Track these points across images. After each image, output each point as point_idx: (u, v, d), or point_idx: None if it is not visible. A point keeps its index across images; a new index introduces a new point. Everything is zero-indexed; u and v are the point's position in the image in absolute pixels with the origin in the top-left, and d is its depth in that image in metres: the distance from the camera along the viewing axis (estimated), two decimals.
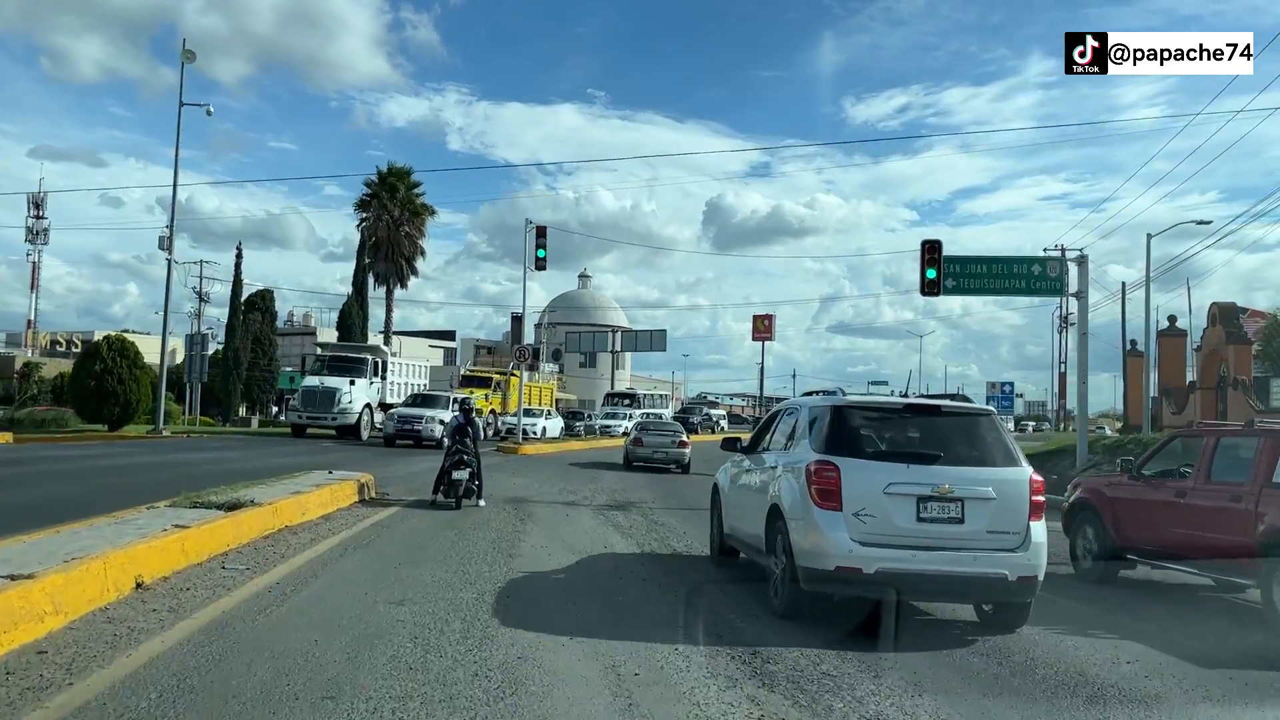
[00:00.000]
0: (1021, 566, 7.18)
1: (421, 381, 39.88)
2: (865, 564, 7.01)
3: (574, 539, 11.78)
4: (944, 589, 7.40)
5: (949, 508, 7.20)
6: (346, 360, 35.09)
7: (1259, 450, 8.98)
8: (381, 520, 12.39)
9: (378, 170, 54.02)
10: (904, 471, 7.30)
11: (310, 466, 17.54)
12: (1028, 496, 7.36)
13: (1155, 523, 10.02)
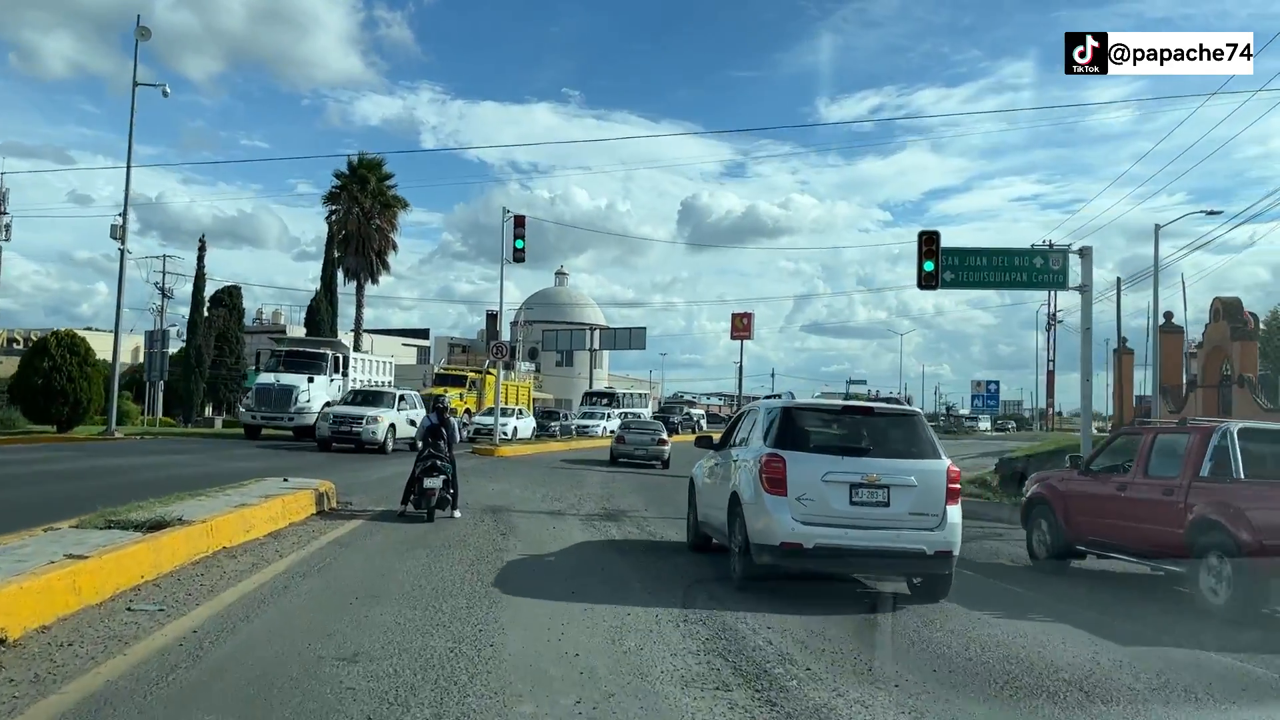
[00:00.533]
0: (939, 542, 8.46)
1: (387, 379, 37.80)
2: (806, 540, 8.29)
3: (563, 556, 10.17)
4: (872, 562, 8.75)
5: (877, 493, 8.48)
6: (304, 356, 32.80)
7: (1189, 447, 9.75)
8: (341, 537, 10.68)
9: (348, 161, 52.10)
10: (839, 462, 8.64)
11: (265, 472, 15.78)
12: (944, 484, 8.62)
13: (1100, 515, 10.80)
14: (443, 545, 10.49)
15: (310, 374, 30.85)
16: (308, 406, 29.98)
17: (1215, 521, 8.93)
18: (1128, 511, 10.36)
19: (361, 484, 17.16)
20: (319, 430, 27.13)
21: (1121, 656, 6.90)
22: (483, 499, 16.00)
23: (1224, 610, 8.65)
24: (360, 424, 25.87)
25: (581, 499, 17.29)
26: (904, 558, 8.55)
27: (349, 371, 33.78)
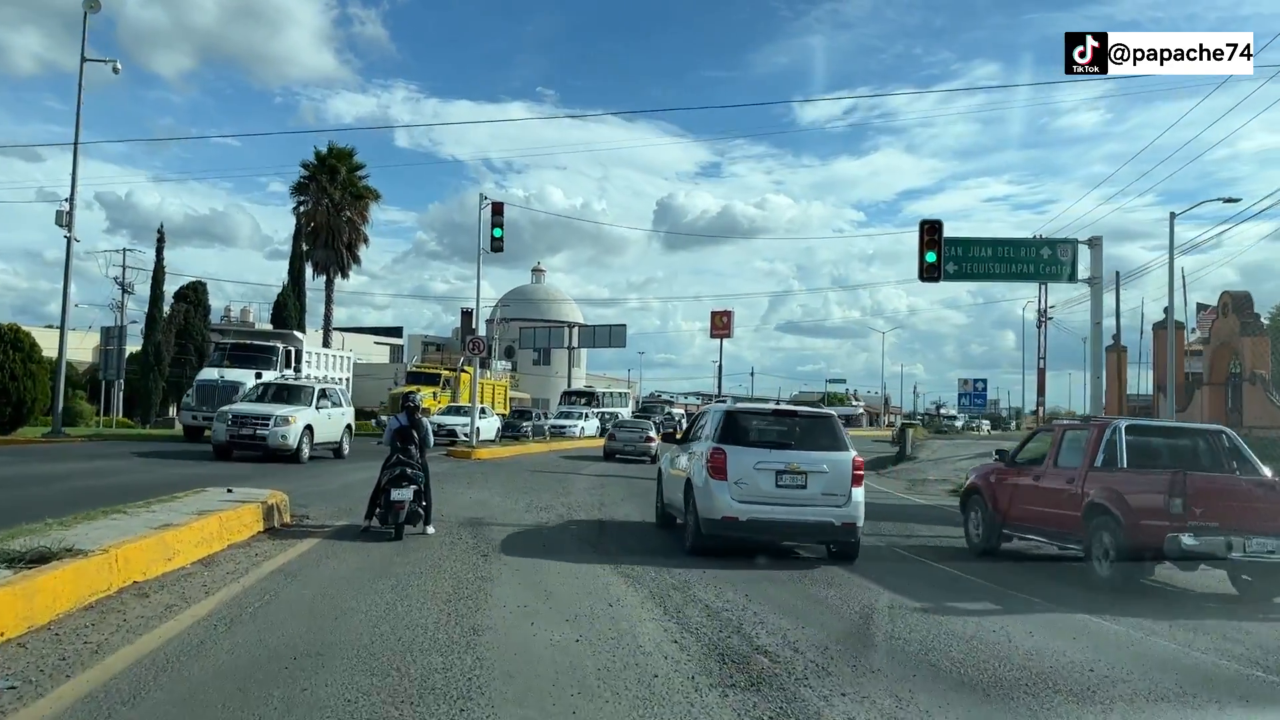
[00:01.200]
0: (845, 516, 10.66)
1: (344, 375, 35.75)
2: (741, 514, 10.52)
3: (562, 589, 8.35)
4: (792, 531, 11.02)
5: (797, 478, 10.68)
6: (252, 350, 30.14)
7: (1088, 441, 11.19)
8: (289, 564, 8.81)
9: (316, 151, 49.97)
10: (768, 454, 10.87)
11: (212, 480, 13.87)
12: (850, 471, 10.84)
13: (1021, 503, 12.10)
14: (412, 573, 8.66)
15: (258, 369, 28.23)
16: None
17: (1102, 505, 10.26)
18: (1041, 498, 11.70)
19: (321, 493, 15.27)
20: (214, 434, 21.97)
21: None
22: (459, 509, 14.17)
23: (1109, 581, 9.98)
24: (267, 425, 21.25)
25: (571, 508, 15.49)
26: (818, 529, 10.94)
27: (302, 366, 31.26)
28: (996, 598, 9.49)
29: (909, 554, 12.58)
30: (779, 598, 8.59)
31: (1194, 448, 11.39)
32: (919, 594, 9.26)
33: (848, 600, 8.85)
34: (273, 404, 22.73)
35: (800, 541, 11.59)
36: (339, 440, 24.11)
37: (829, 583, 9.53)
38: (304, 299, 49.58)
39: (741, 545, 10.85)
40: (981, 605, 9.12)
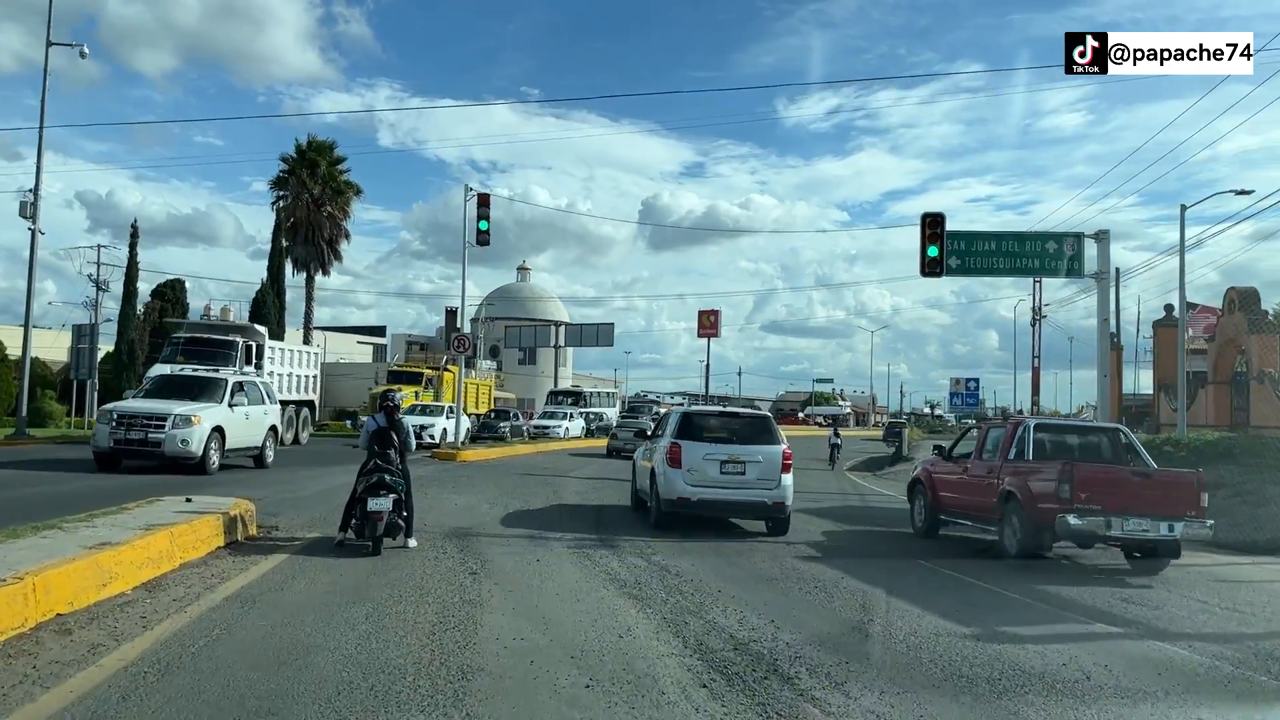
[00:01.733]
0: (776, 496, 13.08)
1: (310, 373, 33.21)
2: (692, 495, 12.99)
3: (562, 615, 7.27)
4: (733, 509, 13.54)
5: (737, 466, 13.12)
6: (208, 344, 27.59)
7: (1004, 437, 12.87)
8: (247, 587, 7.68)
9: (296, 145, 48.58)
10: (715, 448, 13.34)
11: (171, 487, 12.74)
12: (780, 461, 13.20)
13: (953, 491, 13.76)
14: (391, 597, 7.55)
15: (215, 365, 25.32)
16: None
17: (1011, 491, 11.80)
18: (968, 487, 13.34)
19: (294, 500, 14.14)
20: (95, 438, 18.31)
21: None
22: (444, 518, 13.07)
23: (1018, 557, 11.38)
24: (162, 427, 17.52)
25: (564, 517, 14.40)
26: (754, 507, 13.30)
27: (264, 363, 28.89)
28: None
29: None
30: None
31: (1098, 443, 13.12)
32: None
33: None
34: (170, 400, 18.52)
35: (740, 517, 14.00)
36: (260, 445, 20.25)
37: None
38: (283, 296, 48.27)
39: (694, 520, 13.33)
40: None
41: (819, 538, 13.59)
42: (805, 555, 11.61)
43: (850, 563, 11.04)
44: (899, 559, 12.34)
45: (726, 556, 11.23)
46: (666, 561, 10.36)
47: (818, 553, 12.01)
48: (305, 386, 32.19)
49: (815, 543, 13.01)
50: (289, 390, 30.46)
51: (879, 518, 18.09)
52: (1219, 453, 21.10)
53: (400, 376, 42.99)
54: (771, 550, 11.92)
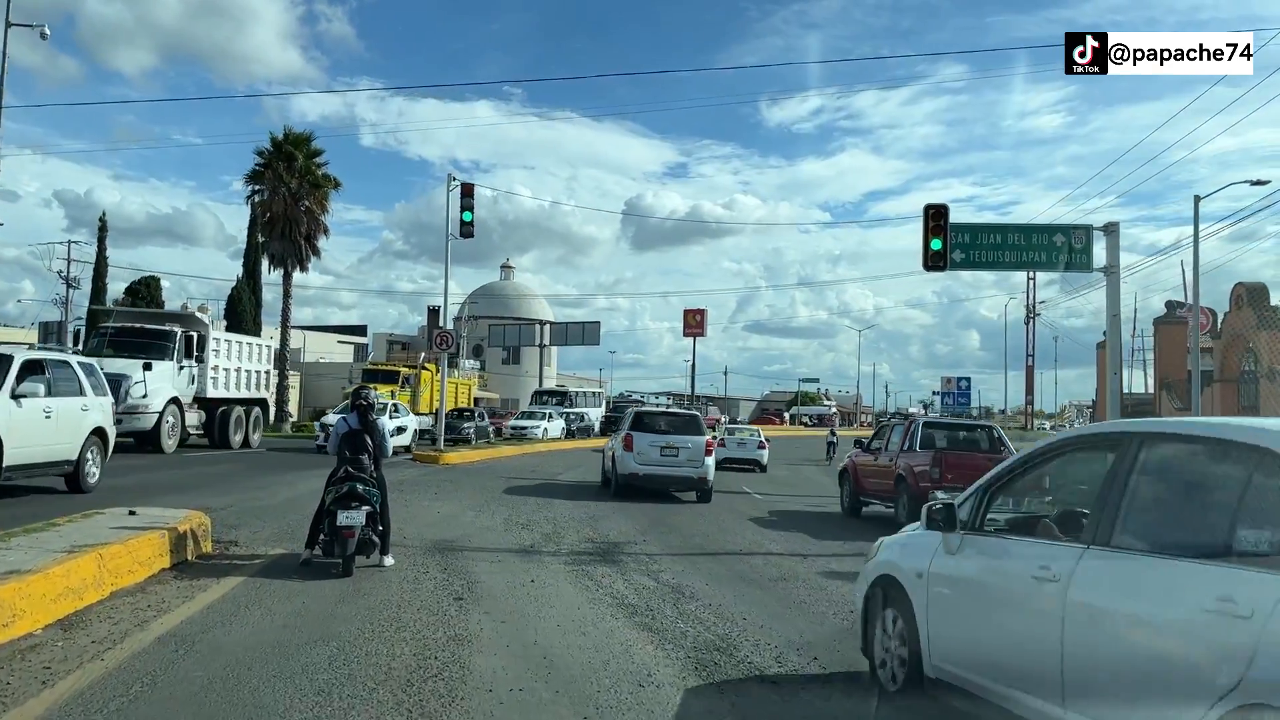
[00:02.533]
0: (701, 472, 17.82)
1: (263, 368, 29.46)
2: (640, 471, 17.73)
3: (566, 654, 6.05)
4: (670, 482, 18.05)
5: (673, 451, 17.84)
6: (140, 335, 24.04)
7: (902, 431, 16.33)
8: (189, 621, 6.42)
9: (271, 137, 46.90)
10: (658, 438, 18.08)
11: (125, 495, 11.48)
12: (704, 446, 18.01)
13: (868, 478, 16.74)
14: (361, 633, 6.31)
15: (149, 358, 22.41)
16: (143, 403, 21.89)
17: (901, 474, 14.99)
18: (877, 474, 16.32)
19: (260, 509, 12.85)
20: None
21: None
22: (425, 529, 11.83)
23: None
24: None
25: (558, 525, 13.17)
26: (684, 480, 18.06)
27: (206, 356, 25.31)
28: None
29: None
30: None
31: (977, 437, 16.77)
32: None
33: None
34: None
35: (676, 489, 18.38)
36: (73, 457, 13.42)
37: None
38: (259, 293, 46.82)
39: (642, 490, 17.90)
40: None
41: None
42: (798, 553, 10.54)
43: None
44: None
45: (732, 567, 10.33)
46: (678, 581, 9.16)
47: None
48: (258, 383, 28.88)
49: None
50: (238, 387, 27.27)
51: None
52: None
53: (376, 375, 41.34)
54: (790, 566, 10.77)
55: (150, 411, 22.20)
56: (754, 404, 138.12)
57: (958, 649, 4.79)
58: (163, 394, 22.67)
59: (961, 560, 4.88)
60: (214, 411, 25.68)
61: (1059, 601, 3.96)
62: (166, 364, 23.27)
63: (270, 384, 30.53)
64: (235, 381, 27.07)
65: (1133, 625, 3.67)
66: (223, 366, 26.50)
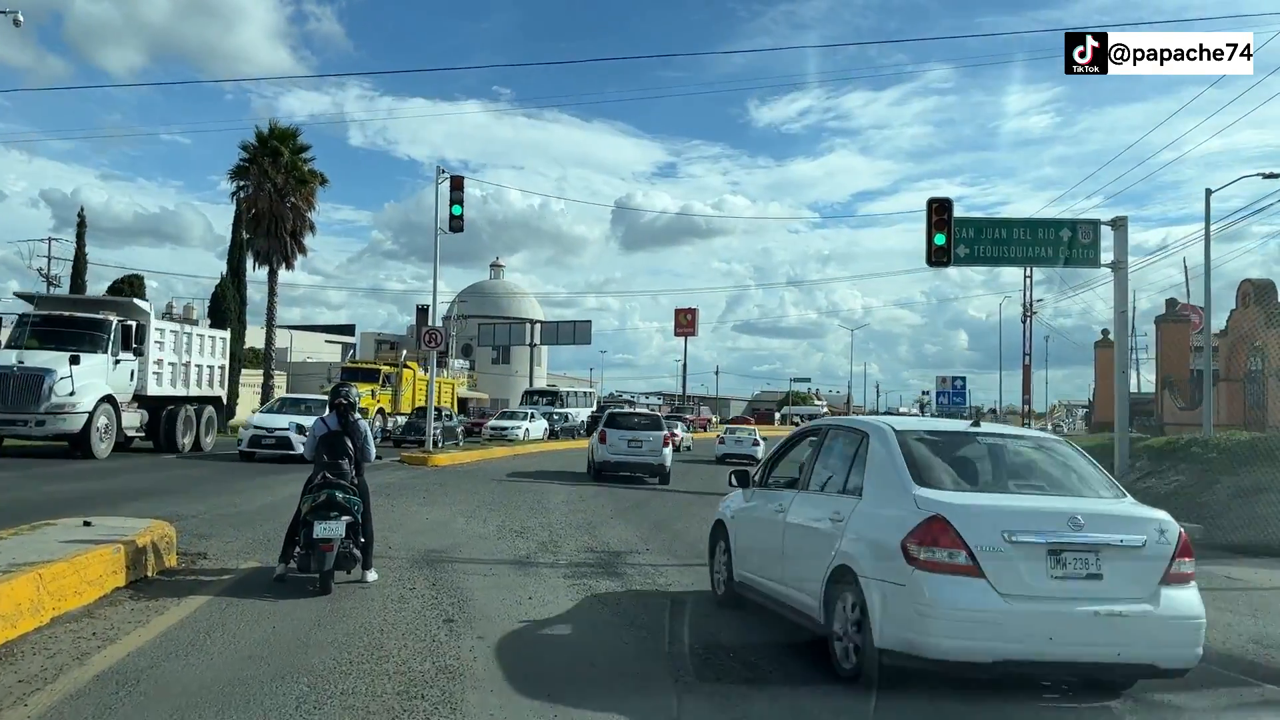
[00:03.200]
0: (660, 459, 22.45)
1: (218, 363, 26.61)
2: (612, 458, 22.25)
3: (578, 693, 5.24)
4: (635, 467, 22.44)
5: (640, 444, 22.31)
6: (70, 324, 21.20)
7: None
8: (138, 653, 5.58)
9: (257, 132, 46.02)
10: (627, 434, 22.51)
11: (83, 502, 10.60)
12: (663, 438, 22.69)
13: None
14: (337, 665, 5.49)
15: (78, 350, 19.81)
16: (69, 402, 19.47)
17: None
18: None
19: (235, 516, 11.99)
20: None
21: None
22: (413, 537, 11.00)
23: None
24: None
25: (554, 533, 12.34)
26: (647, 466, 22.35)
27: (146, 349, 22.40)
28: None
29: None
30: None
31: None
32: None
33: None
34: None
35: (640, 473, 22.39)
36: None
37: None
38: (244, 291, 45.67)
39: (614, 474, 21.90)
40: None
41: None
42: None
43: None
44: None
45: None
46: (688, 596, 8.35)
47: None
48: (210, 379, 25.88)
49: None
50: (186, 383, 24.39)
51: None
52: (1258, 454, 19.28)
53: (355, 374, 39.28)
54: None
55: (78, 411, 19.66)
56: (745, 404, 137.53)
57: (746, 559, 7.64)
58: (94, 391, 20.11)
59: (749, 505, 7.94)
60: (159, 411, 23.02)
61: (783, 523, 6.90)
62: (99, 357, 20.63)
63: (224, 380, 27.50)
64: (183, 377, 24.24)
65: (804, 530, 6.57)
66: (168, 360, 23.60)
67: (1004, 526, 5.26)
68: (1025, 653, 5.13)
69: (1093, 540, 5.31)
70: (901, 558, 5.29)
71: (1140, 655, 5.28)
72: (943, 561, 5.18)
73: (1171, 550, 5.46)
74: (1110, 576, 5.30)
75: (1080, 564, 5.27)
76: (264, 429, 22.71)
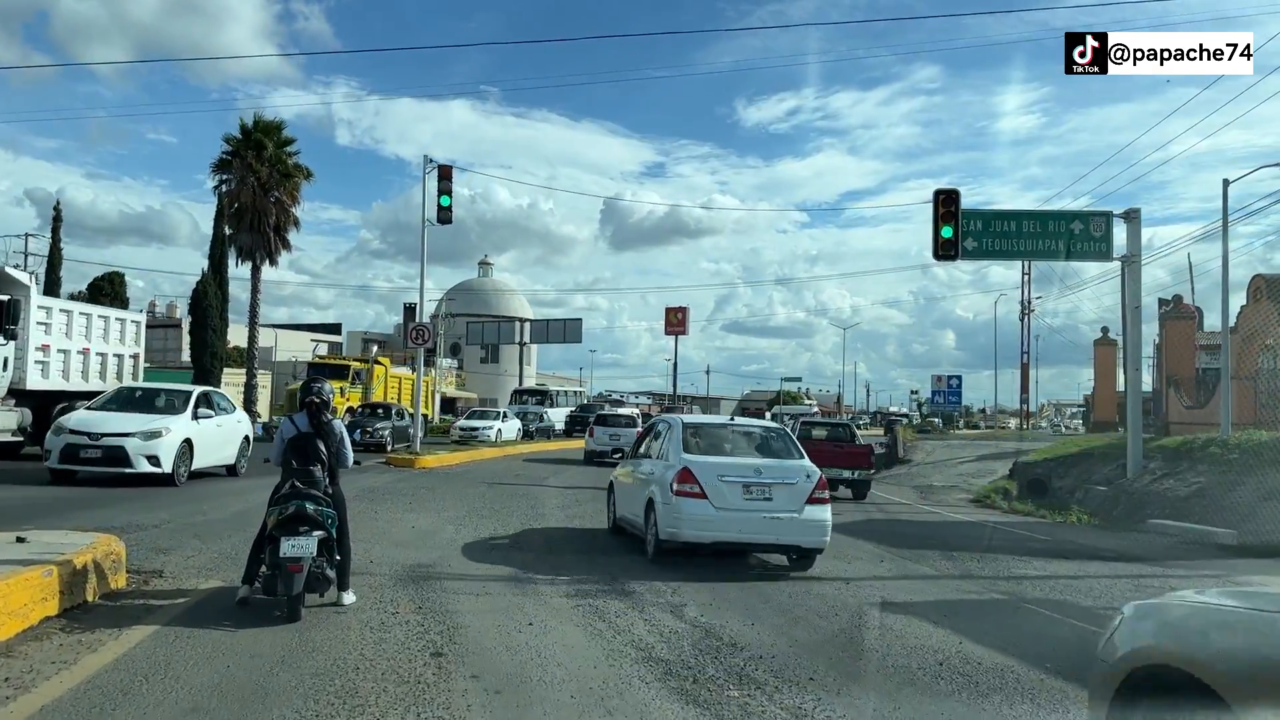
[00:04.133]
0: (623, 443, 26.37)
1: (129, 351, 21.94)
2: (597, 448, 28.06)
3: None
4: (612, 454, 25.38)
5: (617, 436, 27.73)
6: None
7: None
8: (52, 709, 4.55)
9: (240, 124, 44.85)
10: (607, 428, 29.22)
11: (52, 510, 9.56)
12: (636, 434, 18.31)
13: None
14: (303, 719, 4.49)
15: None
16: None
17: None
18: None
19: (202, 525, 10.92)
20: None
21: None
22: (397, 550, 9.97)
23: None
24: None
25: (552, 543, 11.32)
26: (617, 451, 24.89)
27: (27, 332, 18.71)
28: None
29: None
30: None
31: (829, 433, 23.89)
32: None
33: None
34: None
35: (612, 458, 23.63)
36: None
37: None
38: (226, 287, 44.54)
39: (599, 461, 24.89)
40: None
41: None
42: None
43: None
44: None
45: (765, 595, 8.81)
46: (708, 620, 7.37)
47: None
48: (119, 371, 21.83)
49: None
50: (85, 376, 20.61)
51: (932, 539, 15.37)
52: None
53: (323, 369, 36.39)
54: (829, 593, 9.01)
55: None
56: (734, 403, 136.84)
57: (622, 508, 11.92)
58: None
59: (623, 469, 12.58)
60: (46, 410, 18.68)
61: (646, 480, 10.79)
62: None
63: (139, 373, 22.69)
64: (81, 368, 20.40)
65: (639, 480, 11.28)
66: (57, 347, 19.63)
67: (719, 473, 9.80)
68: (728, 538, 9.77)
69: (767, 480, 9.88)
70: (670, 489, 9.82)
71: (792, 540, 9.83)
72: (686, 491, 9.70)
73: (813, 486, 9.96)
74: (776, 499, 9.80)
75: (760, 492, 9.79)
76: (86, 435, 15.13)
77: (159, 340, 70.56)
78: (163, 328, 72.13)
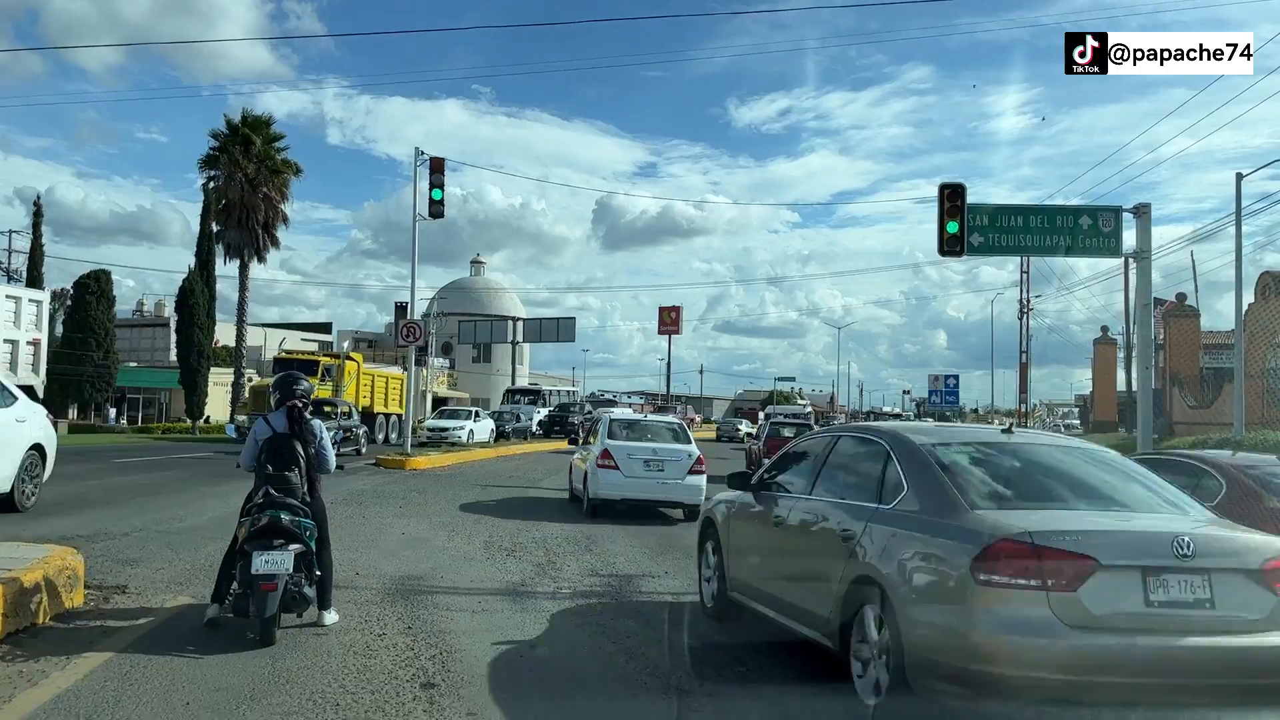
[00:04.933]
0: None
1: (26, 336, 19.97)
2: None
3: None
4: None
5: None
6: None
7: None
8: None
9: (227, 120, 44.04)
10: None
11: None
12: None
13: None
14: None
15: None
16: None
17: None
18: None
19: (176, 533, 10.20)
20: None
21: None
22: (385, 559, 9.27)
23: None
24: None
25: (550, 551, 10.62)
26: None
27: None
28: None
29: None
30: None
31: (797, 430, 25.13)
32: None
33: None
34: None
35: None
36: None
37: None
38: (213, 284, 43.69)
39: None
40: None
41: None
42: None
43: None
44: None
45: None
46: (725, 640, 6.68)
47: None
48: (12, 361, 20.11)
49: None
50: None
51: None
52: None
53: (290, 364, 32.39)
54: None
55: None
56: (727, 403, 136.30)
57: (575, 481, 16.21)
58: None
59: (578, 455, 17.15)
60: None
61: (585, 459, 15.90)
62: None
63: (41, 363, 20.30)
64: None
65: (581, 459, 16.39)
66: None
67: (628, 453, 14.18)
68: (633, 495, 13.97)
69: (661, 458, 14.04)
70: (595, 464, 14.22)
71: (676, 498, 14.10)
72: (606, 464, 14.07)
73: (693, 462, 14.17)
74: (667, 470, 14.04)
75: (656, 465, 13.87)
76: None
77: (146, 339, 69.65)
78: (150, 326, 71.21)
